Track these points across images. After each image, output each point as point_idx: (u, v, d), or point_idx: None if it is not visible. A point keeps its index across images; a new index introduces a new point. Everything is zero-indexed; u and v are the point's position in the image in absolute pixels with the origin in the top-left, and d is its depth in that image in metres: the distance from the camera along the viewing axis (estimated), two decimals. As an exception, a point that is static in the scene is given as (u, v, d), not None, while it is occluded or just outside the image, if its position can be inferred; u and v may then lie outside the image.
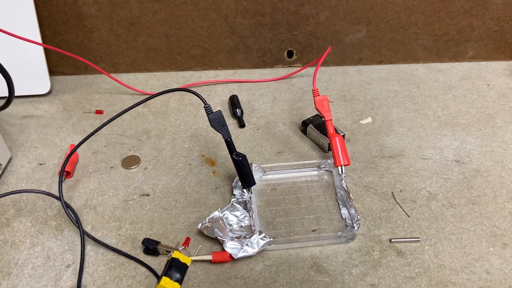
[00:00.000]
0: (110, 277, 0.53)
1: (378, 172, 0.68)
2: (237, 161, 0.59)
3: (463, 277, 0.53)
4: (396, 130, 0.77)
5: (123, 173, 0.68)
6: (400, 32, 0.90)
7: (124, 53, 0.89)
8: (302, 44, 0.91)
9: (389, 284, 0.52)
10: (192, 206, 0.62)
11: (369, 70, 0.94)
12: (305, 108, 0.82)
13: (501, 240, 0.57)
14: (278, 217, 0.60)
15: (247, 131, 0.77)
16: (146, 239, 0.56)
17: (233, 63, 0.93)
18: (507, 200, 0.63)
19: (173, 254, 0.52)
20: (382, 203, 0.62)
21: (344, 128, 0.77)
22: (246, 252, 0.53)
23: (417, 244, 0.57)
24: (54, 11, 0.83)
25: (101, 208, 0.62)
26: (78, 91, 0.86)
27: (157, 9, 0.84)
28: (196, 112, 0.81)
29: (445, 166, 0.69)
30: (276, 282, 0.52)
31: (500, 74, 0.92)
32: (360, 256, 0.55)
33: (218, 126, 0.58)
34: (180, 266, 0.51)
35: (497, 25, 0.90)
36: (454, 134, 0.75)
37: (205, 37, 0.89)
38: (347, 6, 0.86)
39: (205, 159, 0.71)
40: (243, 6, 0.85)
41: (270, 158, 0.71)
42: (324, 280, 0.52)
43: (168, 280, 0.50)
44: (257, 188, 0.65)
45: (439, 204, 0.62)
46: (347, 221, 0.59)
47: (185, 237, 0.58)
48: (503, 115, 0.80)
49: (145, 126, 0.78)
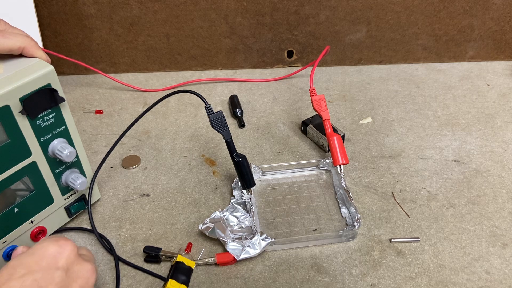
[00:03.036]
0: (110, 277, 0.53)
1: (378, 172, 0.68)
2: (237, 162, 0.59)
3: (463, 277, 0.53)
4: (396, 130, 0.77)
5: (123, 173, 0.68)
6: (400, 32, 0.90)
7: (124, 53, 0.89)
8: (302, 44, 0.91)
9: (389, 284, 0.52)
10: (192, 206, 0.62)
11: (369, 70, 0.94)
12: (305, 108, 0.82)
13: (501, 240, 0.57)
14: (278, 217, 0.60)
15: (247, 131, 0.77)
16: (147, 246, 0.55)
17: (233, 63, 0.93)
18: (507, 200, 0.63)
19: (177, 258, 0.52)
20: (382, 203, 0.63)
21: (344, 128, 0.77)
22: (248, 253, 0.53)
23: (417, 244, 0.57)
24: (54, 11, 0.83)
25: (101, 208, 0.62)
26: (78, 91, 0.86)
27: (157, 9, 0.84)
28: (196, 112, 0.81)
29: (445, 166, 0.69)
30: (276, 282, 0.52)
31: (500, 74, 0.92)
32: (360, 256, 0.55)
33: (219, 127, 0.58)
34: (185, 269, 0.51)
35: (497, 25, 0.90)
36: (454, 134, 0.75)
37: (205, 37, 0.89)
38: (347, 6, 0.86)
39: (205, 159, 0.71)
40: (243, 6, 0.85)
41: (270, 158, 0.71)
42: (324, 280, 0.52)
43: (174, 282, 0.50)
44: (256, 188, 0.65)
45: (439, 204, 0.62)
46: (347, 220, 0.59)
47: (186, 239, 0.58)
48: (503, 115, 0.80)
49: (145, 126, 0.78)
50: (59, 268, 0.36)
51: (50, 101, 0.48)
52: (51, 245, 0.37)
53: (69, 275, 0.37)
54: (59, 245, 0.38)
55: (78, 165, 0.56)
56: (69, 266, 0.37)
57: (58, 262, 0.37)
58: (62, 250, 0.38)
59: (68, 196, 0.56)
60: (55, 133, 0.51)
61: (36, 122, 0.48)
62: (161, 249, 0.55)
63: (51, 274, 0.35)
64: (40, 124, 0.48)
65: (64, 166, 0.54)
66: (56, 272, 0.36)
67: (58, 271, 0.36)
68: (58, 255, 0.37)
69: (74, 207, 0.58)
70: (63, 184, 0.54)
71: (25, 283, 0.34)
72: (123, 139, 0.69)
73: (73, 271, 0.37)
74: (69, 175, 0.54)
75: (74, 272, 0.37)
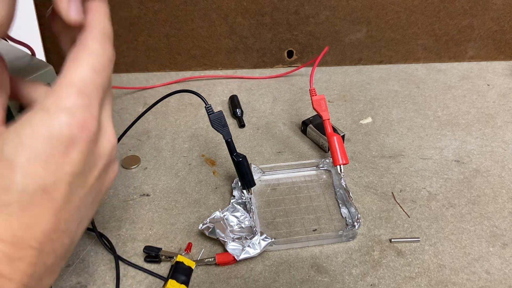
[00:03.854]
0: (110, 277, 0.53)
1: (378, 172, 0.68)
2: (237, 162, 0.59)
3: (463, 277, 0.53)
4: (396, 130, 0.77)
5: (123, 173, 0.68)
6: (400, 32, 0.90)
7: (124, 53, 0.89)
8: (302, 44, 0.91)
9: (389, 284, 0.52)
10: (192, 206, 0.62)
11: (369, 70, 0.94)
12: (305, 108, 0.82)
13: (501, 240, 0.57)
14: (278, 217, 0.60)
15: (247, 131, 0.77)
16: (147, 246, 0.55)
17: (233, 63, 0.93)
18: (507, 200, 0.63)
19: (177, 258, 0.52)
20: (382, 203, 0.62)
21: (344, 128, 0.77)
22: (248, 253, 0.53)
23: (417, 244, 0.57)
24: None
25: (101, 208, 0.62)
26: (78, 91, 0.86)
27: (157, 9, 0.84)
28: (196, 112, 0.81)
29: (445, 166, 0.69)
30: (276, 282, 0.52)
31: (500, 74, 0.92)
32: (360, 256, 0.55)
33: (219, 127, 0.58)
34: (185, 269, 0.51)
35: (497, 25, 0.90)
36: (454, 134, 0.75)
37: (205, 37, 0.89)
38: (347, 6, 0.86)
39: (205, 159, 0.71)
40: (243, 6, 0.85)
41: (270, 158, 0.71)
42: (324, 280, 0.52)
43: (174, 282, 0.50)
44: (256, 188, 0.65)
45: (439, 204, 0.62)
46: (347, 220, 0.59)
47: (186, 239, 0.58)
48: (503, 115, 0.80)
49: (145, 126, 0.78)
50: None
51: None
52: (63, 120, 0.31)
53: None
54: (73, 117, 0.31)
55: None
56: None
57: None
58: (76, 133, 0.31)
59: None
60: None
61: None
62: (161, 249, 0.55)
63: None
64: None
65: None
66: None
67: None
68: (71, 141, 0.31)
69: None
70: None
71: None
72: (123, 139, 0.69)
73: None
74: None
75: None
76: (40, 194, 0.27)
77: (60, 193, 0.28)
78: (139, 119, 0.63)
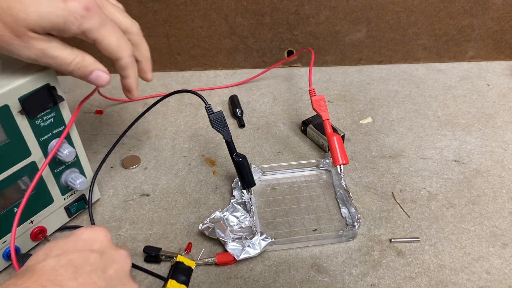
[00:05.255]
0: (110, 277, 0.53)
1: (378, 172, 0.68)
2: (237, 162, 0.59)
3: (463, 277, 0.53)
4: (396, 130, 0.77)
5: (123, 173, 0.68)
6: (400, 32, 0.90)
7: (124, 53, 0.89)
8: (302, 44, 0.91)
9: (389, 284, 0.52)
10: (192, 206, 0.62)
11: (369, 70, 0.94)
12: (305, 108, 0.82)
13: (501, 240, 0.57)
14: (278, 217, 0.60)
15: (247, 131, 0.77)
16: (147, 246, 0.55)
17: (233, 63, 0.93)
18: (507, 200, 0.63)
19: (177, 258, 0.52)
20: (382, 203, 0.62)
21: (344, 128, 0.77)
22: (248, 253, 0.53)
23: (417, 244, 0.57)
24: (54, 11, 0.82)
25: (101, 208, 0.62)
26: (77, 91, 0.86)
27: (157, 9, 0.84)
28: (196, 112, 0.81)
29: (445, 166, 0.69)
30: (276, 282, 0.52)
31: (500, 74, 0.92)
32: (360, 256, 0.55)
33: (219, 127, 0.58)
34: (185, 269, 0.51)
35: (497, 25, 0.90)
36: (454, 134, 0.75)
37: (205, 37, 0.89)
38: (347, 6, 0.86)
39: (205, 159, 0.71)
40: (243, 6, 0.85)
41: (270, 158, 0.71)
42: (324, 280, 0.52)
43: (174, 282, 0.50)
44: (256, 188, 0.65)
45: (439, 204, 0.62)
46: (347, 220, 0.59)
47: (186, 239, 0.58)
48: (503, 115, 0.80)
49: (145, 126, 0.78)
50: (94, 251, 0.36)
51: (49, 100, 0.48)
52: (86, 231, 0.38)
53: (104, 258, 0.37)
54: (94, 231, 0.38)
55: (78, 165, 0.56)
56: (103, 250, 0.37)
57: (93, 245, 0.37)
58: (97, 236, 0.38)
59: (67, 196, 0.56)
60: (54, 133, 0.51)
61: (35, 122, 0.48)
62: (161, 249, 0.55)
63: (86, 255, 0.35)
64: (39, 124, 0.48)
65: (64, 166, 0.54)
66: (91, 254, 0.36)
67: (93, 253, 0.36)
68: (93, 239, 0.37)
69: (74, 207, 0.58)
70: (62, 184, 0.54)
71: (61, 262, 0.34)
72: (123, 139, 0.69)
73: (108, 255, 0.37)
74: (68, 175, 0.54)
75: (109, 256, 0.37)
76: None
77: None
78: (139, 119, 0.64)
